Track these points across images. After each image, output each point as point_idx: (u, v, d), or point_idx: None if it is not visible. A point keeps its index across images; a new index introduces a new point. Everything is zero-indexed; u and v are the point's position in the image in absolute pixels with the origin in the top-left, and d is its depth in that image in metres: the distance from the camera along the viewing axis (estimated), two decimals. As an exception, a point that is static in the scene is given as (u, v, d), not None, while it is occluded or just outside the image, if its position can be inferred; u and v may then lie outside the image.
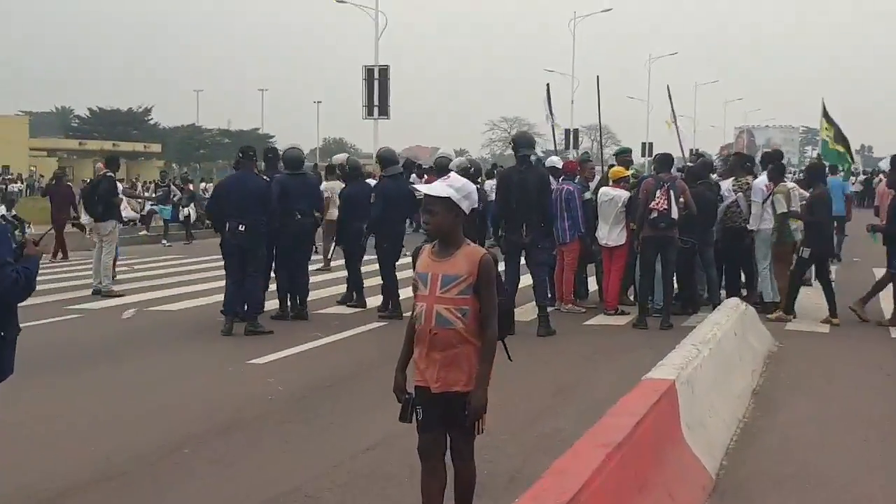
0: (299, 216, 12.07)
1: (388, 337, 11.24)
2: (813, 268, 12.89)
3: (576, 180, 13.38)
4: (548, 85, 27.22)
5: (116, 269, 16.14)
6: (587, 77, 50.22)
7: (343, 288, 13.77)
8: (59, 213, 20.60)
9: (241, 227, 11.12)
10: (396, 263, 12.44)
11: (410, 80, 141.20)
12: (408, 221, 15.40)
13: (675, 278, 12.43)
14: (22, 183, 58.87)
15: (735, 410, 7.66)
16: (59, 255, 20.59)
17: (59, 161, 76.86)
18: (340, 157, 14.60)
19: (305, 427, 7.43)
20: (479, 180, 14.19)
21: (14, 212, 20.89)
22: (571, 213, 12.92)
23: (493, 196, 12.76)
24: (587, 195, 13.20)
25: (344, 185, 14.03)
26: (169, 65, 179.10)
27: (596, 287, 14.11)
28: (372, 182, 13.74)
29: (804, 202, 12.73)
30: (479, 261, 4.60)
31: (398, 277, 12.29)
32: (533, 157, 12.14)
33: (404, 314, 11.94)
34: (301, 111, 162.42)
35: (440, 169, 13.13)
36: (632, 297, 13.40)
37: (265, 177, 12.09)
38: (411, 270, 4.84)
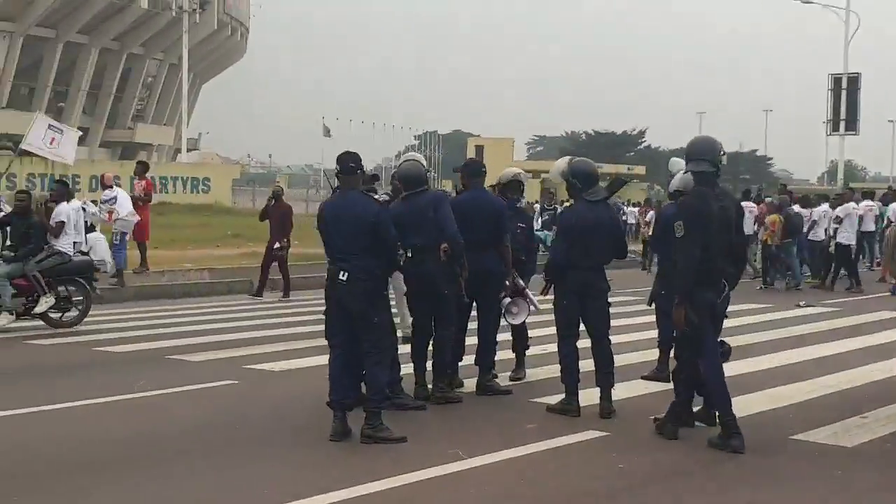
0: (409, 255, 8.25)
1: (564, 474, 6.89)
2: None
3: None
4: None
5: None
6: None
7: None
8: (273, 239, 17.31)
9: (343, 276, 7.39)
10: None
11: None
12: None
13: None
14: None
15: None
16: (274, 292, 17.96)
17: (542, 183, 77.03)
18: (512, 172, 10.05)
19: None
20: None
21: None
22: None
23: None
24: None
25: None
26: (672, 89, 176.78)
27: None
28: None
29: None
30: None
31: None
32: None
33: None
34: (811, 133, 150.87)
35: (587, 178, 8.49)
36: None
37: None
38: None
